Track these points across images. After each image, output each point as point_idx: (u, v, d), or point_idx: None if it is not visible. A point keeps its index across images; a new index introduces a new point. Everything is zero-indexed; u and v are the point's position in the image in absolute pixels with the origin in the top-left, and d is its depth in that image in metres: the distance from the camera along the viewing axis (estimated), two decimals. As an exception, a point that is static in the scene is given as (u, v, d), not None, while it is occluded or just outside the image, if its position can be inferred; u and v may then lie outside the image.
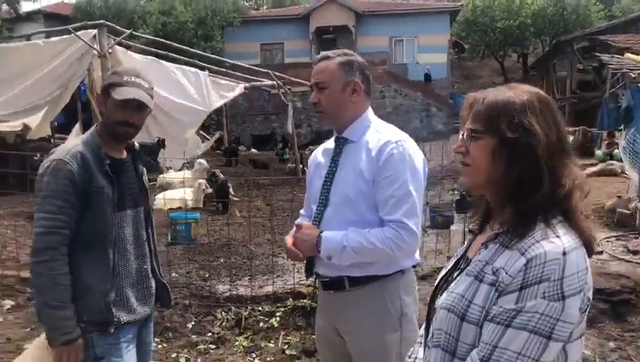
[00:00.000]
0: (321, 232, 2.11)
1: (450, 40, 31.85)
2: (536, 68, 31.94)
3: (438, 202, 7.91)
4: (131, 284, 2.32)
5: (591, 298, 1.26)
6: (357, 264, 2.10)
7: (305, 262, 2.24)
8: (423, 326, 1.58)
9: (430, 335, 1.42)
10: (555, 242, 1.22)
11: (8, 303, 5.08)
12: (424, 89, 27.81)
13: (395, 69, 29.00)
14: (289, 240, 2.19)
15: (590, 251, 1.28)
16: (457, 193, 8.41)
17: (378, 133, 2.17)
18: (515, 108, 1.29)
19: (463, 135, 1.38)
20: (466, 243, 1.52)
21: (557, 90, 26.71)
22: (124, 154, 2.37)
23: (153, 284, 2.46)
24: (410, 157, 2.10)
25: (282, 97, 15.45)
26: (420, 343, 1.61)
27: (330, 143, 2.32)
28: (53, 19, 27.81)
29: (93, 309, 2.18)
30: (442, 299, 1.38)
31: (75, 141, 2.28)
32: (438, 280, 1.51)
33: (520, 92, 1.33)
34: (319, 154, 2.36)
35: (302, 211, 2.44)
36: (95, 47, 8.32)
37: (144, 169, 2.50)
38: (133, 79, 2.25)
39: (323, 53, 2.26)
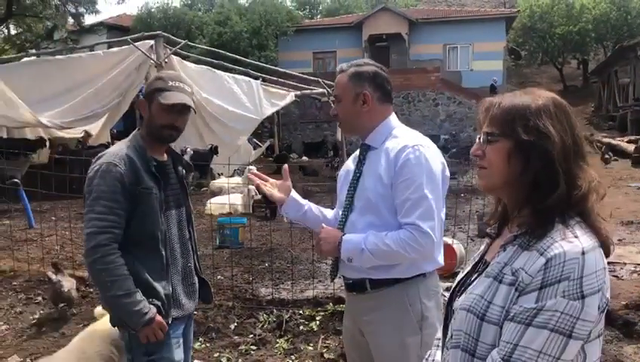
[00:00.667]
0: (344, 235, 2.18)
1: (507, 47, 31.20)
2: (597, 74, 30.84)
3: (484, 211, 7.78)
4: (179, 281, 2.43)
5: (609, 298, 1.27)
6: (378, 266, 2.16)
7: (331, 263, 2.32)
8: (440, 329, 1.61)
9: (449, 336, 1.44)
10: (574, 242, 1.24)
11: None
12: (478, 97, 27.35)
13: (449, 76, 28.64)
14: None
15: (607, 251, 1.30)
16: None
17: (397, 138, 2.23)
18: (531, 112, 1.32)
19: (479, 138, 1.41)
20: (483, 247, 1.55)
21: (619, 98, 25.73)
22: (165, 156, 2.49)
23: (197, 281, 2.57)
24: (426, 161, 2.13)
25: (332, 105, 15.53)
26: (438, 346, 1.63)
27: (359, 151, 2.39)
28: (115, 30, 29.04)
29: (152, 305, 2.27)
30: (461, 300, 1.40)
31: (121, 144, 2.39)
32: (455, 284, 1.54)
33: (536, 96, 1.37)
34: (350, 162, 2.44)
35: (330, 216, 2.52)
36: (152, 57, 8.66)
37: (184, 171, 2.61)
38: (177, 84, 2.36)
39: (340, 66, 2.34)
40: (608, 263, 1.30)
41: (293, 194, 2.44)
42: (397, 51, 30.24)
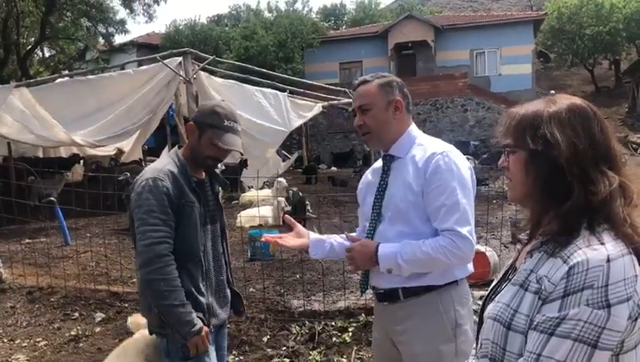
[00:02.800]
0: (378, 245, 2.16)
1: (535, 50, 30.78)
2: (630, 74, 30.13)
3: (517, 217, 7.64)
4: (212, 293, 2.51)
5: None
6: (411, 275, 2.14)
7: (361, 275, 2.30)
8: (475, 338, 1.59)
9: (479, 345, 1.43)
10: (599, 249, 1.20)
11: (100, 316, 5.45)
12: (508, 101, 27.01)
13: (477, 81, 28.39)
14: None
15: None
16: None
17: (423, 146, 2.22)
18: (541, 120, 1.31)
19: (504, 151, 1.42)
20: (515, 253, 1.53)
21: (653, 98, 25.10)
22: (203, 175, 2.58)
23: (229, 293, 2.67)
24: (456, 167, 2.13)
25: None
26: (474, 356, 1.61)
27: (378, 163, 2.38)
28: (144, 48, 29.65)
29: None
30: (489, 309, 1.39)
31: (163, 161, 2.49)
32: (488, 292, 1.52)
33: (552, 103, 1.35)
34: (369, 174, 2.43)
35: (358, 229, 2.51)
36: (181, 73, 8.81)
37: (219, 188, 2.71)
38: (232, 124, 2.44)
39: (360, 78, 2.34)
40: None
41: (312, 235, 2.48)
42: (423, 59, 30.11)
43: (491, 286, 1.52)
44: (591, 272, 1.18)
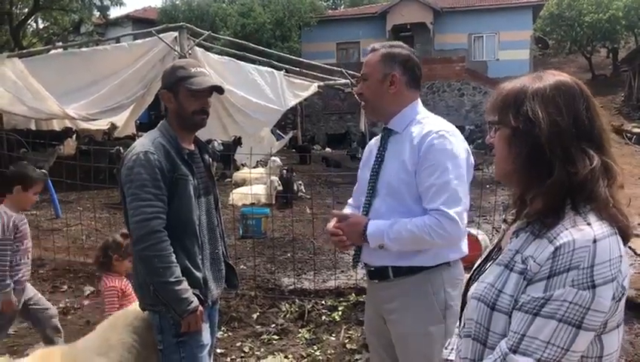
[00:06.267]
0: (368, 222, 2.14)
1: (533, 36, 30.63)
2: (628, 63, 30.04)
3: (509, 202, 7.67)
4: (208, 267, 2.48)
5: (627, 286, 1.23)
6: (402, 254, 2.13)
7: (353, 251, 2.30)
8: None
9: (462, 324, 1.43)
10: (585, 229, 1.20)
11: (89, 289, 5.45)
12: (504, 87, 26.95)
13: (474, 66, 28.26)
14: (331, 226, 2.26)
15: (626, 238, 1.26)
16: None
17: (422, 124, 2.20)
18: (525, 97, 1.30)
19: (490, 127, 1.41)
20: (500, 232, 1.51)
21: (650, 87, 25.09)
22: (193, 146, 2.53)
23: (224, 267, 2.62)
24: (451, 147, 2.10)
25: (356, 96, 15.46)
26: (457, 334, 1.61)
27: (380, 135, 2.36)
28: (140, 23, 29.27)
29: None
30: (473, 289, 1.38)
31: (152, 134, 2.43)
32: (471, 271, 1.51)
33: (538, 79, 1.33)
34: (372, 143, 2.41)
35: (349, 201, 2.49)
36: (176, 48, 8.70)
37: (210, 159, 2.66)
38: (199, 70, 2.42)
39: (372, 45, 2.31)
40: None
41: None
42: (421, 41, 29.89)
43: (475, 266, 1.52)
44: (577, 253, 1.17)
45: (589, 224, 1.21)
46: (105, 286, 3.35)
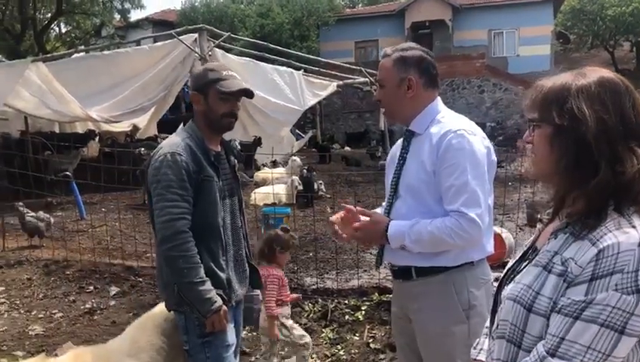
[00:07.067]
0: (389, 223, 2.14)
1: (554, 31, 30.21)
2: (652, 57, 29.56)
3: (534, 199, 7.57)
4: (232, 268, 2.49)
5: None
6: (424, 254, 2.12)
7: (377, 249, 2.31)
8: (489, 318, 1.57)
9: (495, 325, 1.40)
10: (630, 232, 1.17)
11: (114, 289, 5.52)
12: (526, 83, 26.62)
13: (495, 62, 27.96)
14: (335, 218, 2.28)
15: None
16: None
17: (441, 123, 2.18)
18: (569, 94, 1.26)
19: (530, 125, 1.37)
20: (535, 233, 1.49)
21: (676, 81, 24.59)
22: (219, 147, 2.55)
23: (247, 268, 2.64)
24: (470, 146, 2.08)
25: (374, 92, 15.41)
26: (486, 334, 1.60)
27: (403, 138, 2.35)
28: (160, 25, 29.48)
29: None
30: (508, 290, 1.35)
31: (180, 135, 2.45)
32: (505, 272, 1.49)
33: (580, 76, 1.29)
34: (395, 149, 2.40)
35: (383, 203, 2.49)
36: (196, 50, 8.78)
37: (235, 161, 2.68)
38: (230, 73, 2.44)
39: (384, 50, 2.30)
40: None
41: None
42: (440, 38, 29.70)
43: (508, 266, 1.49)
44: (621, 256, 1.14)
45: (633, 226, 1.18)
46: (268, 274, 3.51)
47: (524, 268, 1.38)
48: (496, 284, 1.57)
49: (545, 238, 1.37)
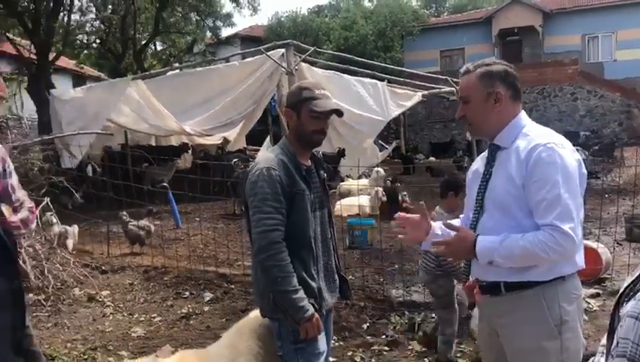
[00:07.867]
0: (476, 238, 2.13)
1: (656, 33, 28.34)
2: None
3: (633, 213, 7.15)
4: (322, 278, 2.59)
5: None
6: (514, 269, 2.11)
7: (464, 264, 2.32)
8: (605, 336, 1.54)
9: (614, 344, 1.38)
10: None
11: (208, 295, 5.78)
12: (623, 89, 25.13)
13: (589, 68, 26.60)
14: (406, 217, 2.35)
15: None
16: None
17: (528, 137, 2.15)
18: None
19: None
20: None
21: None
22: (309, 161, 2.67)
23: (337, 278, 2.73)
24: (560, 160, 2.04)
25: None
26: (602, 353, 1.57)
27: (487, 152, 2.34)
28: (247, 41, 30.56)
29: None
30: (629, 307, 1.34)
31: (274, 151, 2.60)
32: (623, 288, 1.46)
33: None
34: (478, 162, 2.39)
35: (462, 217, 2.49)
36: (283, 65, 9.02)
37: (325, 174, 2.79)
38: (323, 92, 2.56)
39: (464, 67, 2.30)
40: None
41: (434, 230, 2.39)
42: (530, 45, 28.69)
43: (628, 283, 1.46)
44: None
45: None
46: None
47: None
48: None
49: None
